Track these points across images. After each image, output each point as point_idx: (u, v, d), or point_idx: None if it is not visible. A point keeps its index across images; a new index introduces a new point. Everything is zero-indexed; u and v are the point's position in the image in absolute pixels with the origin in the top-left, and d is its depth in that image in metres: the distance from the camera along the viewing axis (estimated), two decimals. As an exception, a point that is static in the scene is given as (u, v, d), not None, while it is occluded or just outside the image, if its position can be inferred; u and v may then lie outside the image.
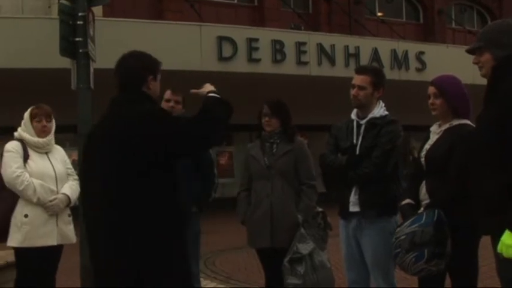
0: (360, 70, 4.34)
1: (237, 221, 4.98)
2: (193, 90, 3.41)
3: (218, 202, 9.70)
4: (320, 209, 4.79)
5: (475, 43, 3.10)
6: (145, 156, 3.03)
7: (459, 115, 3.88)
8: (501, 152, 2.77)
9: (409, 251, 3.66)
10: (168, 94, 4.90)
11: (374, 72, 4.35)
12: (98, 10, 13.59)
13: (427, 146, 3.95)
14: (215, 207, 9.03)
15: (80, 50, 6.00)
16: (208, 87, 3.33)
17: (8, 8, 15.25)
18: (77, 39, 5.98)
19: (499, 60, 2.97)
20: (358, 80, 4.23)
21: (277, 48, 15.45)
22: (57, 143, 5.06)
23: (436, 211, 3.67)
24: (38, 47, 11.99)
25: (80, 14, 6.00)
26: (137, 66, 3.25)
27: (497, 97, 2.87)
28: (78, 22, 5.98)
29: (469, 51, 3.14)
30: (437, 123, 3.99)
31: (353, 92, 4.23)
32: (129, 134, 3.07)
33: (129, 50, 12.71)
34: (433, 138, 3.94)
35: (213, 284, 7.10)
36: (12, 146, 4.80)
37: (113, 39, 13.02)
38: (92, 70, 6.19)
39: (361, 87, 4.20)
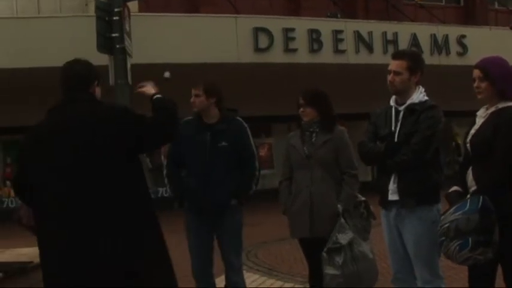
0: (396, 55, 4.25)
1: (279, 212, 4.96)
2: (139, 90, 3.55)
3: (259, 194, 9.71)
4: (362, 198, 4.73)
5: None
6: (118, 149, 3.10)
7: (506, 98, 3.73)
8: None
9: (453, 239, 3.57)
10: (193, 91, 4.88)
11: (410, 56, 4.24)
12: (133, 6, 13.71)
13: (472, 131, 3.82)
14: (256, 199, 9.05)
15: (117, 46, 6.07)
16: (151, 89, 3.46)
17: (46, 8, 15.50)
18: (114, 35, 6.04)
19: None
20: (393, 65, 4.13)
21: (314, 38, 15.32)
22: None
23: (481, 197, 3.55)
24: (76, 45, 12.08)
25: (115, 9, 6.07)
26: (87, 71, 3.32)
27: None
28: (114, 18, 6.06)
29: None
30: (485, 106, 3.85)
31: (389, 77, 4.13)
32: (100, 129, 3.11)
33: (166, 44, 12.91)
34: (479, 122, 3.81)
35: (255, 276, 7.10)
36: None
37: (149, 35, 13.13)
38: (129, 65, 6.25)
39: (396, 73, 4.10)
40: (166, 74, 13.91)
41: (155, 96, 3.40)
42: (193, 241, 4.85)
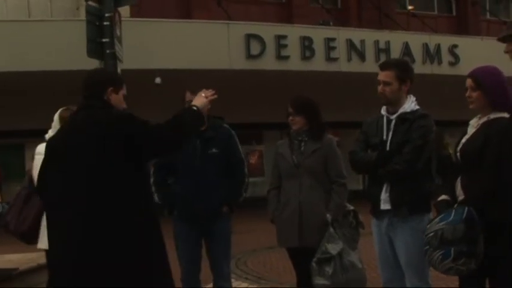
0: (383, 65, 4.21)
1: (269, 220, 4.91)
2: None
3: (249, 201, 9.66)
4: (351, 208, 4.70)
5: (506, 31, 2.97)
6: (117, 155, 3.17)
7: (497, 108, 3.70)
8: None
9: (436, 249, 3.57)
10: (188, 96, 4.85)
11: (398, 66, 4.21)
12: (125, 11, 13.67)
13: (463, 140, 3.80)
14: (246, 206, 8.99)
15: (107, 51, 6.01)
16: (197, 100, 3.50)
17: (37, 11, 15.42)
18: (104, 40, 5.99)
19: None
20: (382, 76, 4.12)
21: (306, 45, 15.33)
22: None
23: (466, 208, 3.55)
24: (66, 49, 12.09)
25: (106, 14, 6.01)
26: (98, 78, 3.50)
27: None
28: (105, 23, 6.00)
29: (500, 40, 3.01)
30: (478, 116, 3.82)
31: (379, 88, 4.12)
32: (100, 134, 3.21)
33: (158, 49, 12.83)
34: (470, 132, 3.80)
35: (244, 284, 7.05)
36: (43, 149, 4.78)
37: (140, 40, 13.08)
38: (119, 71, 6.19)
39: (386, 83, 4.09)
40: (158, 80, 13.87)
41: (188, 105, 3.48)
42: (182, 249, 4.81)
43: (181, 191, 4.74)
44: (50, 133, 4.86)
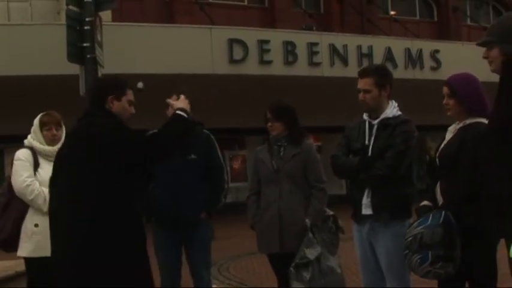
0: (362, 73, 4.21)
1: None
2: (168, 100, 3.71)
3: (232, 207, 9.63)
4: (331, 213, 4.70)
5: (485, 37, 2.99)
6: (103, 163, 3.31)
7: (473, 114, 3.76)
8: (510, 150, 2.65)
9: (415, 253, 3.61)
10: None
11: (376, 72, 4.21)
12: (106, 15, 13.58)
13: (442, 146, 3.86)
14: (229, 212, 8.96)
15: (88, 56, 5.96)
16: (179, 103, 3.56)
17: (16, 15, 15.26)
18: (85, 44, 5.92)
19: (507, 56, 2.85)
20: (361, 83, 4.13)
21: (289, 50, 15.34)
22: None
23: (443, 212, 3.60)
24: (46, 54, 11.96)
25: (87, 19, 5.95)
26: (98, 87, 3.65)
27: (507, 94, 2.76)
28: (86, 27, 5.95)
29: (479, 45, 3.03)
30: (456, 122, 3.88)
31: (360, 96, 4.13)
32: (91, 144, 3.35)
33: (140, 55, 12.78)
34: (448, 137, 3.85)
35: (226, 290, 7.00)
36: (22, 154, 4.73)
37: (122, 44, 13.00)
38: (100, 75, 6.13)
39: (366, 91, 4.10)
40: (140, 85, 13.64)
41: (177, 111, 3.50)
42: (161, 256, 4.76)
43: (160, 197, 4.70)
44: (29, 138, 4.81)
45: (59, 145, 4.78)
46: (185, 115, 3.50)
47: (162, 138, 3.44)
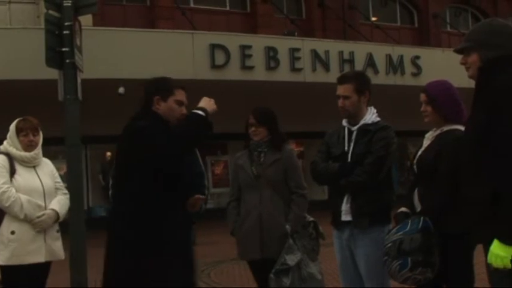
0: (341, 79, 4.22)
1: (231, 232, 4.85)
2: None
3: (214, 212, 9.56)
4: (311, 219, 4.70)
5: (462, 43, 3.01)
6: (130, 164, 3.54)
7: (450, 121, 3.81)
8: (487, 157, 2.66)
9: (394, 259, 3.63)
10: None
11: (355, 78, 4.23)
12: (87, 19, 13.45)
13: (419, 153, 3.89)
14: (211, 218, 8.89)
15: (67, 60, 5.88)
16: (201, 102, 3.60)
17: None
18: (64, 49, 5.85)
19: (485, 62, 2.86)
20: (341, 90, 4.14)
21: (271, 55, 15.33)
22: (49, 155, 4.91)
23: (422, 218, 3.62)
24: (26, 58, 11.84)
25: (66, 23, 5.88)
26: (146, 89, 3.70)
27: (482, 100, 2.77)
28: (65, 32, 5.87)
29: (457, 51, 3.05)
30: (433, 129, 3.92)
31: (339, 103, 4.14)
32: (122, 145, 3.60)
33: (121, 59, 12.60)
34: (426, 144, 3.88)
35: (207, 297, 6.94)
36: None
37: (103, 49, 12.90)
38: (79, 81, 6.07)
39: (345, 97, 4.11)
40: (121, 90, 13.69)
41: (194, 110, 3.54)
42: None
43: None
44: (5, 144, 4.73)
45: (36, 151, 4.72)
46: (202, 113, 3.50)
47: (174, 137, 3.46)
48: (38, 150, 4.76)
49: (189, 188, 3.81)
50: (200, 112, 3.53)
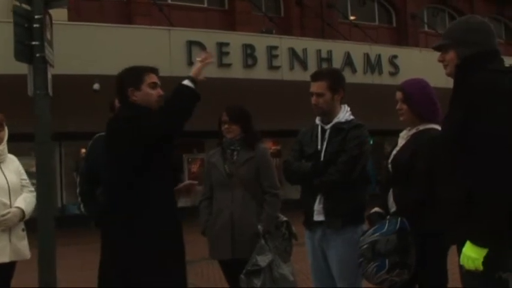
0: (314, 76, 4.14)
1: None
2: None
3: (189, 210, 9.45)
4: (284, 219, 4.62)
5: (440, 40, 2.97)
6: (121, 156, 3.54)
7: (425, 120, 3.77)
8: (463, 156, 2.61)
9: (371, 261, 3.58)
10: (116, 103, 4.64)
11: (329, 75, 4.14)
12: (63, 14, 13.26)
13: (394, 152, 3.83)
14: (186, 216, 8.78)
15: (37, 55, 5.71)
16: (194, 69, 3.66)
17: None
18: (33, 43, 5.70)
19: (462, 59, 2.81)
20: (314, 87, 4.05)
21: (248, 53, 15.25)
22: (22, 152, 4.77)
23: (399, 219, 3.58)
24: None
25: (36, 16, 5.73)
26: (117, 86, 3.71)
27: (459, 99, 2.72)
28: (35, 25, 5.71)
29: (435, 48, 3.00)
30: (407, 128, 3.87)
31: (313, 100, 4.06)
32: (108, 140, 3.65)
33: (97, 55, 12.39)
34: (400, 143, 3.83)
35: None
36: None
37: (78, 44, 12.71)
38: (49, 76, 5.91)
39: (318, 94, 4.03)
40: (96, 86, 13.49)
41: (183, 82, 3.58)
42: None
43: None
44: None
45: (0, 147, 4.57)
46: (191, 85, 3.54)
47: (165, 112, 3.49)
48: (3, 146, 4.62)
49: (177, 175, 3.87)
50: (187, 83, 3.57)
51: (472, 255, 2.59)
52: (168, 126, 3.53)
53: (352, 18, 23.07)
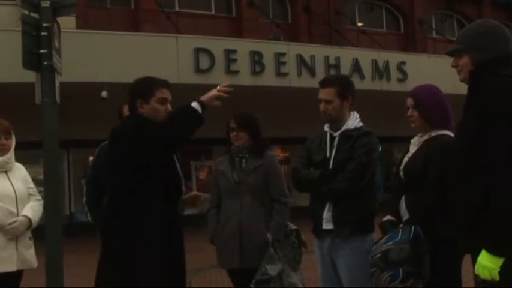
0: (323, 83, 4.07)
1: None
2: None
3: (198, 219, 9.41)
4: (293, 227, 4.58)
5: (454, 45, 2.90)
6: (122, 163, 3.53)
7: (437, 126, 3.71)
8: (477, 164, 2.56)
9: (384, 270, 3.50)
10: (125, 110, 4.64)
11: (338, 82, 4.09)
12: (71, 22, 13.31)
13: (406, 159, 3.78)
14: (196, 224, 8.74)
15: (45, 63, 5.72)
16: (207, 94, 3.66)
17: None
18: (41, 51, 5.71)
19: (476, 65, 2.75)
20: (323, 93, 4.00)
21: (256, 60, 15.23)
22: (30, 159, 4.76)
23: (413, 227, 3.51)
24: (5, 60, 11.63)
25: (44, 25, 5.74)
26: (128, 94, 3.69)
27: (473, 106, 2.67)
28: (43, 33, 5.72)
29: (448, 54, 2.93)
30: (419, 134, 3.82)
31: (321, 107, 4.00)
32: (110, 147, 3.63)
33: (104, 63, 12.41)
34: (412, 150, 3.77)
35: (188, 305, 6.79)
36: None
37: (86, 52, 12.74)
38: (57, 83, 5.92)
39: (327, 101, 3.98)
40: (104, 94, 13.52)
41: (193, 103, 3.58)
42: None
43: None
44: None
45: (8, 155, 4.56)
46: (199, 109, 3.53)
47: (169, 125, 3.49)
48: (10, 154, 4.60)
49: (180, 188, 3.83)
50: (195, 106, 3.56)
51: (488, 264, 2.53)
52: (169, 138, 3.53)
53: (359, 24, 23.03)
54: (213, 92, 3.64)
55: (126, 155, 3.49)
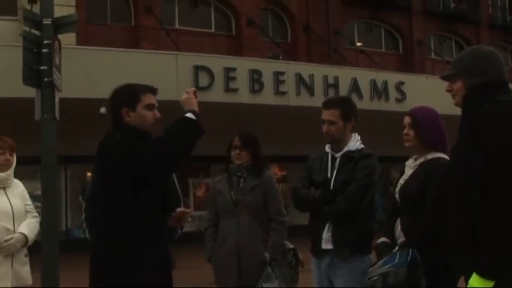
0: (327, 104, 4.09)
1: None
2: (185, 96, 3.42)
3: (194, 236, 9.40)
4: (291, 246, 4.57)
5: (448, 70, 2.94)
6: (110, 182, 3.27)
7: (433, 148, 3.73)
8: (469, 187, 2.57)
9: None
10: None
11: (342, 103, 4.12)
12: (71, 39, 13.35)
13: (401, 181, 3.79)
14: (193, 241, 8.71)
15: (45, 79, 5.75)
16: (189, 102, 3.34)
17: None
18: (42, 67, 5.73)
19: (469, 89, 2.78)
20: (326, 115, 4.02)
21: (255, 78, 15.29)
22: (28, 175, 4.76)
23: (410, 251, 3.52)
24: (5, 76, 11.67)
25: (45, 41, 5.77)
26: (111, 104, 3.43)
27: (465, 130, 2.69)
28: (44, 50, 5.75)
29: (443, 78, 2.97)
30: (414, 157, 3.84)
31: (324, 128, 4.02)
32: (99, 163, 3.36)
33: (104, 79, 12.49)
34: (408, 172, 3.79)
35: (183, 324, 6.74)
36: None
37: (86, 68, 12.78)
38: (57, 100, 5.94)
39: (331, 122, 4.00)
40: (103, 110, 13.51)
41: (186, 114, 3.27)
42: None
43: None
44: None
45: (8, 171, 4.56)
46: (194, 117, 3.25)
47: (166, 146, 3.18)
48: (11, 171, 4.61)
49: (174, 202, 3.65)
50: (190, 115, 3.27)
51: (478, 287, 2.54)
52: (167, 162, 3.24)
53: (358, 44, 23.16)
54: (190, 97, 3.38)
55: (114, 173, 3.23)
